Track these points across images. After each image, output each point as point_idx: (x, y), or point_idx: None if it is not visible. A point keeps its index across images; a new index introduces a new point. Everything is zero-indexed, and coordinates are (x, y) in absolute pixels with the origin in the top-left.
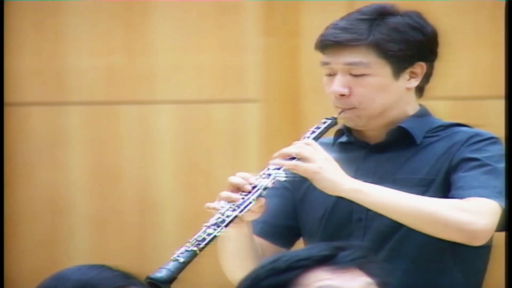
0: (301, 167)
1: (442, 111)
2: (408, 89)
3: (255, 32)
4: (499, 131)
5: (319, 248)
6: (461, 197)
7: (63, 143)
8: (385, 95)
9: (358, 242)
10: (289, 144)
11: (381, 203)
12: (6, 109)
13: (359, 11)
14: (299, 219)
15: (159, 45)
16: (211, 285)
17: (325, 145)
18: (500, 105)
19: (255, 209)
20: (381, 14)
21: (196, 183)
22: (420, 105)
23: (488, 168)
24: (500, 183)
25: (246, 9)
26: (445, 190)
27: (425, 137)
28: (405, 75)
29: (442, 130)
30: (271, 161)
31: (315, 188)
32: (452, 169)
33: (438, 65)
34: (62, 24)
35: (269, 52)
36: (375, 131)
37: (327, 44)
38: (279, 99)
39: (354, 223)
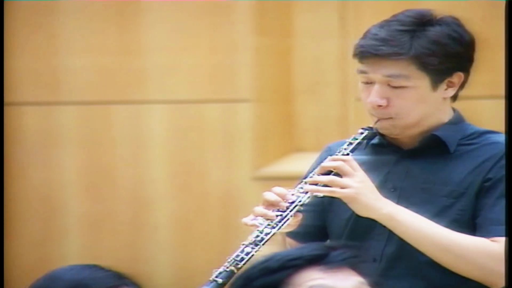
0: (338, 194)
1: None
2: (444, 98)
3: (247, 32)
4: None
5: (311, 248)
6: (488, 233)
7: (57, 143)
8: (423, 106)
9: (379, 247)
10: (283, 144)
11: (413, 235)
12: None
13: (397, 20)
14: (327, 220)
15: (152, 45)
16: None
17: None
18: (500, 105)
19: (292, 222)
20: (421, 24)
21: (188, 183)
22: (454, 109)
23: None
24: None
25: (238, 10)
26: (473, 203)
27: (459, 144)
28: (443, 86)
29: (476, 137)
30: (309, 177)
31: None
32: (484, 190)
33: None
34: (56, 24)
35: (261, 52)
36: (409, 138)
37: (366, 56)
38: (271, 99)
39: (378, 228)
